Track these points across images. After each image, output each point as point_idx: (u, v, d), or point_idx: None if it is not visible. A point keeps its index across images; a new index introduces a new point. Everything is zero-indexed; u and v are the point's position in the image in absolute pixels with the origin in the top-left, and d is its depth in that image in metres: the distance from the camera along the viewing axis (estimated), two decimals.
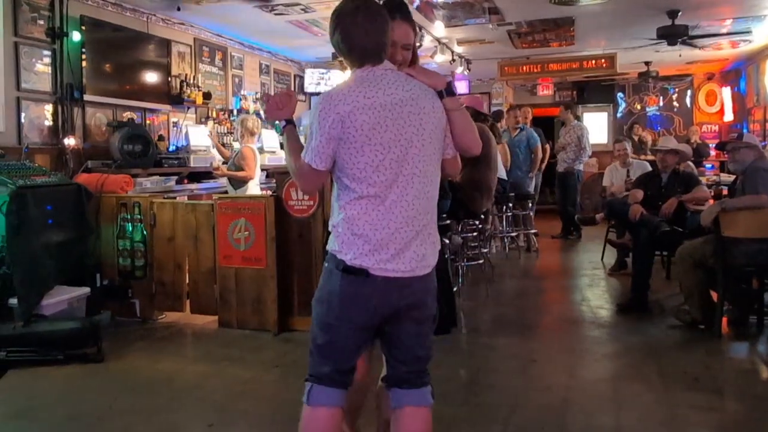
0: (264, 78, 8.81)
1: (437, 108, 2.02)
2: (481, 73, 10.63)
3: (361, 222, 1.93)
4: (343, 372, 2.04)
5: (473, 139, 2.12)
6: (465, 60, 9.69)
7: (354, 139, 1.90)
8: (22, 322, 3.97)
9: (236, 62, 8.12)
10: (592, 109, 12.60)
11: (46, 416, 3.20)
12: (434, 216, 2.05)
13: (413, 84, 2.00)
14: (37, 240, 4.22)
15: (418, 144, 1.95)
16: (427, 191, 2.00)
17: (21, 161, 4.69)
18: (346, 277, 1.93)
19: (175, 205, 4.95)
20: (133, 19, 6.29)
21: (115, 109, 6.01)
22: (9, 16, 4.97)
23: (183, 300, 4.87)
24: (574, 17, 7.38)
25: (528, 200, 7.79)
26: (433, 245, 2.02)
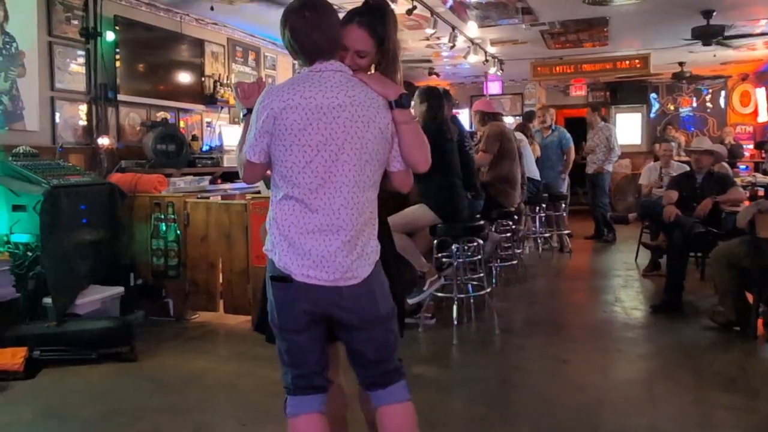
0: None
1: (382, 118, 1.94)
2: (513, 73, 10.51)
3: (286, 224, 1.90)
4: (306, 376, 2.01)
5: (420, 156, 2.02)
6: (498, 60, 9.57)
7: (284, 137, 1.87)
8: (56, 322, 3.95)
9: (269, 62, 8.09)
10: (625, 110, 12.34)
11: (78, 415, 3.16)
12: (367, 227, 1.95)
13: (359, 90, 1.92)
14: (70, 239, 4.21)
15: (351, 151, 1.88)
16: (358, 201, 1.91)
17: (55, 161, 4.69)
18: (275, 284, 1.93)
19: (208, 205, 4.91)
20: (167, 18, 6.28)
21: (148, 109, 6.00)
22: (43, 15, 4.98)
23: (216, 300, 4.83)
24: (608, 17, 7.24)
25: (561, 201, 7.72)
26: (361, 257, 1.92)
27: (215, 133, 6.64)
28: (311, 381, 2.01)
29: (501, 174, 5.35)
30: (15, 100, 4.68)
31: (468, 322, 4.66)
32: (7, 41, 4.63)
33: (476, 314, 4.77)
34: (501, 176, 5.35)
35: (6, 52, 4.62)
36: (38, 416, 3.15)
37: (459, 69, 10.41)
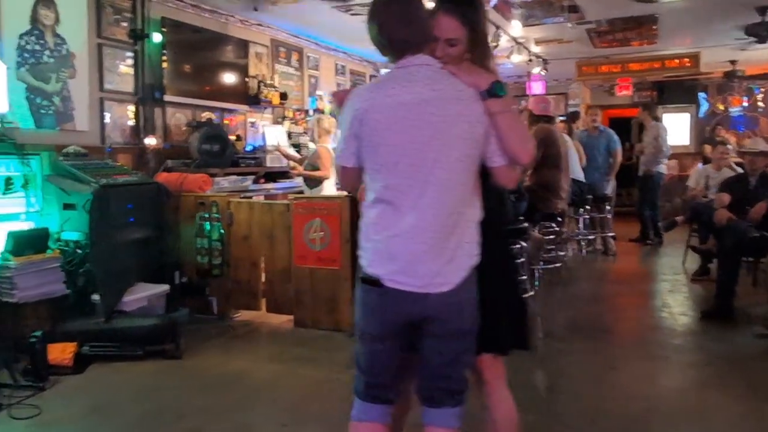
0: (340, 78, 8.79)
1: (472, 111, 1.81)
2: (557, 73, 10.33)
3: (376, 228, 1.85)
4: (377, 386, 1.97)
5: (520, 147, 1.88)
6: (542, 60, 9.42)
7: (370, 139, 1.82)
8: (104, 318, 4.03)
9: (312, 63, 8.12)
10: (672, 110, 11.98)
11: (125, 411, 3.22)
12: (459, 229, 1.82)
13: (446, 83, 1.82)
14: (118, 238, 4.29)
15: (438, 148, 1.78)
16: (446, 201, 1.80)
17: (104, 160, 4.79)
18: (363, 286, 1.89)
19: (251, 205, 4.96)
20: (212, 20, 6.36)
21: (194, 109, 6.08)
22: (93, 17, 5.09)
23: (259, 298, 4.87)
24: (658, 15, 7.05)
25: (606, 202, 7.53)
26: (452, 262, 1.81)
27: (258, 133, 6.68)
28: (381, 392, 1.98)
29: (542, 181, 5.10)
30: (66, 101, 4.79)
31: None
32: (58, 43, 4.74)
33: None
34: (542, 183, 5.11)
35: (57, 54, 4.73)
36: (86, 412, 3.21)
37: (501, 69, 10.26)
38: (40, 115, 4.58)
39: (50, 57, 4.67)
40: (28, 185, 4.35)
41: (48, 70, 4.64)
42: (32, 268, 3.94)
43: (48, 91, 4.64)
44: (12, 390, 3.37)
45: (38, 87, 4.57)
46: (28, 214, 4.35)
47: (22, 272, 3.88)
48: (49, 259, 4.06)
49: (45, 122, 4.61)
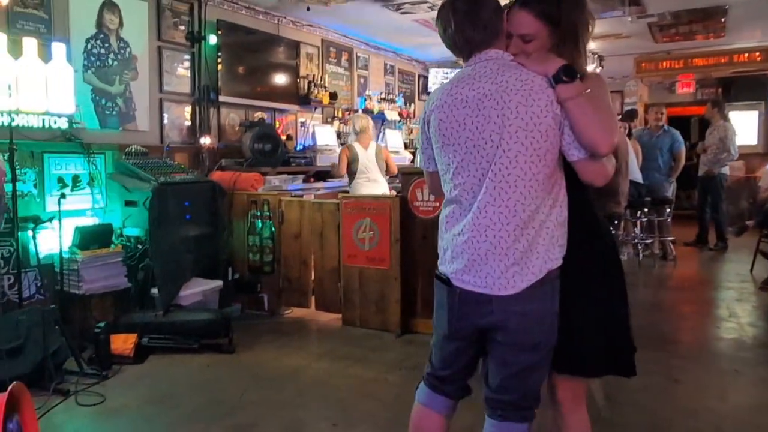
0: (389, 78, 8.87)
1: (537, 100, 1.69)
2: (613, 70, 10.07)
3: (446, 226, 1.85)
4: (440, 378, 1.98)
5: (596, 134, 1.69)
6: (597, 57, 9.22)
7: (437, 139, 1.84)
8: (163, 311, 4.20)
9: (361, 62, 8.22)
10: (739, 107, 11.44)
11: (182, 402, 3.35)
12: (528, 230, 1.72)
13: (510, 74, 1.73)
14: (175, 234, 4.45)
15: (498, 143, 1.71)
16: (510, 199, 1.70)
17: (162, 159, 4.97)
18: (436, 282, 1.89)
19: (302, 204, 5.07)
20: (265, 21, 6.51)
21: (247, 109, 6.24)
22: (153, 21, 5.28)
23: (308, 296, 4.98)
24: (727, 6, 6.75)
25: (666, 205, 7.24)
26: (518, 265, 1.72)
27: (309, 132, 6.81)
28: (440, 384, 1.98)
29: None
30: (128, 102, 4.99)
31: None
32: (121, 46, 4.94)
33: None
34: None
35: (121, 57, 4.93)
36: (146, 401, 3.37)
37: None
38: (105, 115, 4.79)
39: (114, 60, 4.87)
40: (94, 183, 4.58)
41: (112, 72, 4.85)
42: (97, 262, 4.15)
43: (112, 93, 4.85)
44: (78, 377, 3.56)
45: (103, 89, 4.78)
46: (93, 210, 4.58)
47: (87, 265, 4.09)
48: (112, 253, 4.26)
49: (109, 122, 4.82)
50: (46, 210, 4.24)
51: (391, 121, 8.27)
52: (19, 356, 3.40)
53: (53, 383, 3.40)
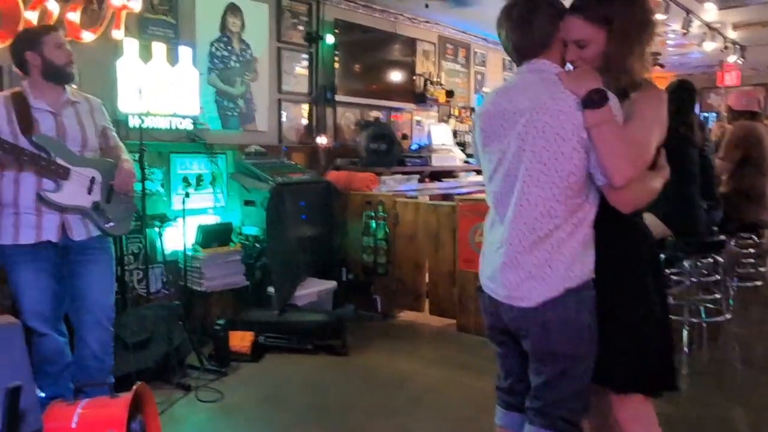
0: (507, 74, 8.60)
1: (566, 122, 1.68)
2: (757, 61, 9.24)
3: (485, 234, 1.95)
4: (502, 389, 2.03)
5: (609, 165, 1.66)
6: (739, 47, 8.49)
7: (478, 145, 1.91)
8: (278, 311, 4.24)
9: (479, 59, 8.02)
10: None
11: (295, 404, 3.35)
12: (544, 246, 1.73)
13: (547, 91, 1.71)
14: (292, 234, 4.50)
15: (525, 160, 1.73)
16: (527, 215, 1.74)
17: (280, 159, 5.04)
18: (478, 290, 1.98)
19: (417, 205, 4.97)
20: (382, 19, 6.47)
21: (362, 108, 6.23)
22: (274, 23, 5.37)
23: (422, 300, 4.88)
24: None
25: None
26: (531, 278, 1.74)
27: (424, 131, 6.72)
28: (509, 397, 2.00)
29: (741, 187, 4.59)
30: (248, 103, 5.10)
31: (699, 350, 4.11)
32: (243, 48, 5.06)
33: (709, 342, 4.17)
34: (740, 189, 4.60)
35: (242, 59, 5.05)
36: (261, 400, 3.40)
37: (688, 59, 9.43)
38: (227, 116, 4.91)
39: (236, 62, 4.99)
40: (215, 182, 4.71)
41: (234, 74, 4.97)
42: (218, 260, 4.25)
43: (233, 94, 4.97)
44: (199, 373, 3.66)
45: (225, 90, 4.91)
46: (214, 208, 4.71)
47: (209, 263, 4.20)
48: (232, 251, 4.36)
49: (230, 123, 4.94)
50: (171, 208, 4.40)
51: None
52: (145, 350, 3.53)
53: (176, 378, 3.51)
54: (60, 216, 2.85)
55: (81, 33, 3.82)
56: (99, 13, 3.96)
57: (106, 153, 3.10)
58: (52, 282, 2.90)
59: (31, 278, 2.83)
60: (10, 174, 2.81)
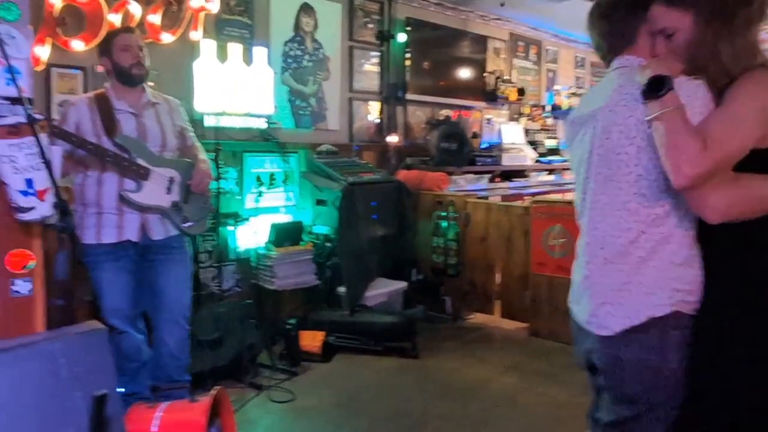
0: (578, 71, 8.35)
1: (628, 118, 1.50)
2: None
3: None
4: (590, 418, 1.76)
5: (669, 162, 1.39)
6: None
7: (567, 150, 1.82)
8: (349, 311, 4.22)
9: (550, 55, 7.80)
10: None
11: (367, 409, 3.31)
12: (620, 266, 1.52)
13: (619, 86, 1.55)
14: (363, 234, 4.46)
15: (593, 166, 1.60)
16: (597, 229, 1.57)
17: (351, 158, 5.02)
18: None
19: (488, 206, 4.87)
20: (453, 17, 6.36)
21: (432, 106, 6.15)
22: (346, 22, 5.35)
23: (492, 302, 4.78)
24: None
25: None
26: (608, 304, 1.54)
27: (494, 130, 6.58)
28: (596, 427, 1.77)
29: None
30: (320, 102, 5.11)
31: None
32: (316, 48, 5.06)
33: None
34: None
35: (315, 58, 5.05)
36: (333, 404, 3.37)
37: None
38: (299, 115, 4.93)
39: (309, 61, 5.00)
40: (288, 181, 4.73)
41: (306, 73, 4.98)
42: (289, 259, 4.26)
43: (306, 93, 4.99)
44: (271, 372, 3.67)
45: (298, 90, 4.92)
46: (286, 207, 4.74)
47: (280, 262, 4.21)
48: (303, 251, 4.37)
49: (302, 122, 4.96)
50: (244, 207, 4.45)
51: None
52: (219, 348, 3.57)
53: (248, 377, 3.54)
54: (140, 216, 2.91)
55: (161, 35, 3.90)
56: (178, 15, 4.02)
57: (183, 153, 3.14)
58: (132, 280, 2.96)
59: (112, 277, 2.90)
60: (94, 174, 2.87)
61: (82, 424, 1.58)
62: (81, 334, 1.74)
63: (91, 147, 2.77)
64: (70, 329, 1.76)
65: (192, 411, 2.17)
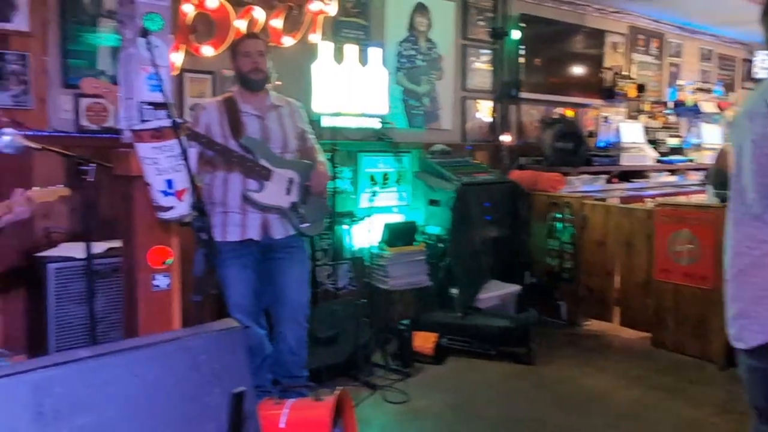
0: (704, 65, 7.84)
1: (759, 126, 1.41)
2: None
3: None
4: None
5: None
6: None
7: None
8: (462, 313, 4.17)
9: (673, 49, 7.37)
10: None
11: (482, 414, 3.25)
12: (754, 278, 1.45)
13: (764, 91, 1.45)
14: (476, 235, 4.40)
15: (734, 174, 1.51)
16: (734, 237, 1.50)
17: (464, 158, 4.96)
18: None
19: (607, 208, 4.67)
20: (569, 12, 6.15)
21: (546, 105, 5.98)
22: (459, 20, 5.30)
23: (611, 309, 4.57)
24: None
25: None
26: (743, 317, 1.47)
27: (612, 128, 6.30)
28: None
29: None
30: (433, 102, 5.09)
31: None
32: (429, 47, 5.04)
33: None
34: None
35: (428, 58, 5.04)
36: (447, 407, 3.33)
37: None
38: (412, 115, 4.94)
39: (422, 61, 4.99)
40: (401, 181, 4.75)
41: (420, 73, 4.98)
42: (402, 259, 4.27)
43: (419, 93, 4.98)
44: (384, 372, 3.69)
45: (411, 89, 4.93)
46: (399, 207, 4.75)
47: (394, 262, 4.23)
48: (416, 251, 4.36)
49: (415, 122, 4.96)
50: (359, 206, 4.50)
51: (707, 113, 7.27)
52: (334, 346, 3.63)
53: (363, 375, 3.57)
54: (262, 215, 3.00)
55: (282, 38, 4.01)
56: (298, 19, 4.13)
57: (303, 154, 3.21)
58: (254, 277, 3.07)
59: (236, 273, 3.00)
60: (220, 174, 2.99)
61: (221, 420, 1.63)
62: (219, 331, 1.79)
63: (218, 148, 2.89)
64: (209, 326, 1.82)
65: (317, 409, 2.21)
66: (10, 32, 3.22)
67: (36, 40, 3.30)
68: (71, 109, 3.42)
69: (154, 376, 1.65)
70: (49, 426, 1.44)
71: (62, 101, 3.40)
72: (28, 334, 3.25)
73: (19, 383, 1.44)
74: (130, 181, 2.34)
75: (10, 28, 3.21)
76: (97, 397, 1.54)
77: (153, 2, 2.33)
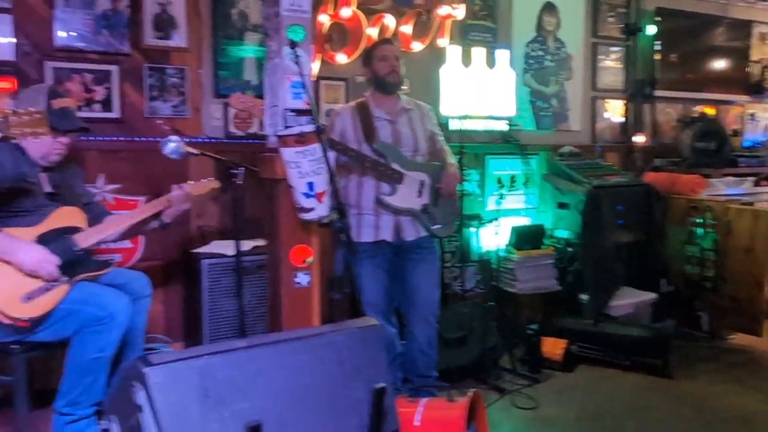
0: None
1: None
2: None
3: None
4: None
5: None
6: None
7: None
8: (593, 320, 4.04)
9: None
10: None
11: (616, 427, 3.12)
12: None
13: None
14: (607, 239, 4.25)
15: None
16: None
17: (594, 160, 4.80)
18: None
19: (756, 213, 4.33)
20: (710, 3, 5.78)
21: (684, 103, 5.65)
22: (590, 18, 5.14)
23: (760, 322, 4.23)
24: None
25: None
26: None
27: (760, 126, 5.85)
28: None
29: None
30: (562, 102, 4.97)
31: None
32: (557, 47, 4.93)
33: None
34: None
35: (557, 58, 4.93)
36: (577, 418, 3.22)
37: None
38: (540, 116, 4.85)
39: (551, 61, 4.89)
40: (528, 183, 4.68)
41: (548, 73, 4.88)
42: (530, 263, 4.20)
43: (547, 94, 4.89)
44: (512, 376, 3.65)
45: (539, 90, 4.84)
46: (526, 210, 4.68)
47: (521, 265, 4.17)
48: (544, 255, 4.27)
49: (543, 123, 4.87)
50: (486, 209, 4.48)
51: None
52: (462, 347, 3.63)
53: (491, 379, 3.55)
54: (394, 217, 3.06)
55: (411, 44, 4.08)
56: (427, 24, 4.18)
57: (433, 156, 3.25)
58: (387, 277, 3.14)
59: (369, 272, 3.08)
60: (354, 178, 3.09)
61: (363, 413, 1.70)
62: (360, 329, 1.87)
63: (352, 153, 2.98)
64: (350, 323, 1.91)
65: (451, 410, 2.23)
66: (171, 48, 3.55)
67: (192, 55, 3.61)
68: (221, 117, 3.69)
69: (302, 369, 1.76)
70: (213, 409, 1.58)
71: (213, 110, 3.68)
72: (185, 324, 3.55)
73: (189, 367, 1.60)
74: (274, 183, 2.48)
75: (171, 45, 3.54)
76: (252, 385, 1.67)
77: (296, 15, 2.46)
